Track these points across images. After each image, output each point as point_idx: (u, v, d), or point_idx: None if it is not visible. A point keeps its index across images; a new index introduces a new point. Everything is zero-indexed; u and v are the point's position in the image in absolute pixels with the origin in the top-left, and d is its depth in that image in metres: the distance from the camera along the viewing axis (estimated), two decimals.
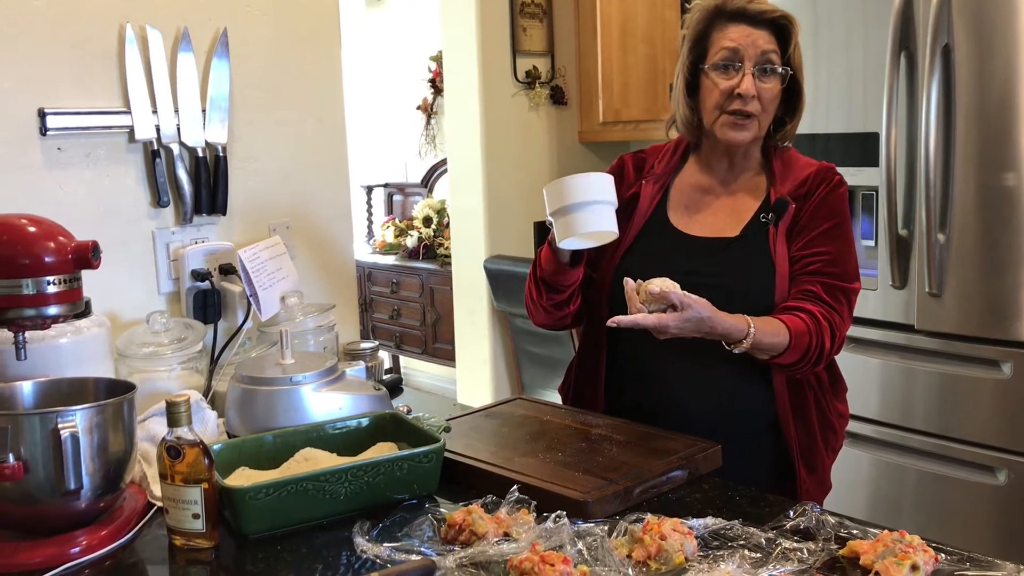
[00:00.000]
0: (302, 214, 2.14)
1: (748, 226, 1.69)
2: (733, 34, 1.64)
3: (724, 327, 1.53)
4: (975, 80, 2.24)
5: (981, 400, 2.32)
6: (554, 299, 1.70)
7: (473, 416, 1.73)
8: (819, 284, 1.63)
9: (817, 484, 1.71)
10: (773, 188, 1.70)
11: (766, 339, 1.55)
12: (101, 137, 1.84)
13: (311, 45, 2.13)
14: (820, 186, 1.68)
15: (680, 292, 1.50)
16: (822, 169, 1.71)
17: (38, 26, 1.75)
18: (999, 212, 2.23)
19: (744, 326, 1.54)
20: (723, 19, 1.66)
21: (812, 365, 1.61)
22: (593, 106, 4.03)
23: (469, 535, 1.22)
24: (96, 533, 1.27)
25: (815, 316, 1.60)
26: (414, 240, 5.31)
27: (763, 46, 1.63)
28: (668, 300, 1.50)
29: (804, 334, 1.57)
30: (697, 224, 1.72)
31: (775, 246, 1.66)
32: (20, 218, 1.40)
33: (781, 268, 1.65)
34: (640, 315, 1.50)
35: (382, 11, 5.95)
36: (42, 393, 1.40)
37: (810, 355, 1.59)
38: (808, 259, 1.65)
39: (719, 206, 1.73)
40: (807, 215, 1.67)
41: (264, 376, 1.58)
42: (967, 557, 1.15)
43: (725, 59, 1.64)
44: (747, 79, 1.62)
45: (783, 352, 1.57)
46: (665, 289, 1.50)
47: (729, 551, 1.17)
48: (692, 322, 1.51)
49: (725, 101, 1.64)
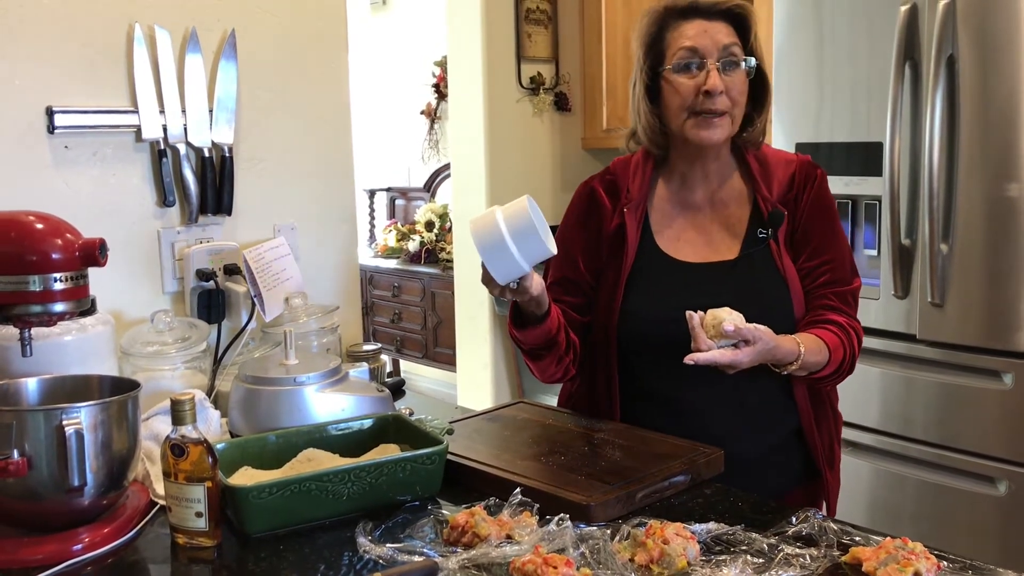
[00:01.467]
0: (307, 215, 2.14)
1: (745, 244, 1.63)
2: (689, 31, 1.56)
3: (783, 352, 1.50)
4: (979, 90, 2.24)
5: (982, 411, 2.32)
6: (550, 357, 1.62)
7: (475, 419, 1.73)
8: (833, 295, 1.61)
9: (835, 480, 1.72)
10: (760, 198, 1.63)
11: (811, 357, 1.53)
12: (108, 136, 1.84)
13: (318, 47, 2.14)
14: (807, 186, 1.64)
15: (749, 326, 1.46)
16: (803, 165, 1.66)
17: (47, 25, 1.75)
18: (1002, 223, 2.24)
19: (795, 348, 1.52)
20: (675, 17, 1.59)
21: (845, 375, 1.61)
22: (597, 112, 4.04)
23: (472, 537, 1.21)
24: (99, 530, 1.27)
25: (843, 326, 1.59)
26: (416, 244, 5.31)
27: (723, 40, 1.55)
28: (742, 336, 1.45)
29: (839, 347, 1.56)
30: (689, 248, 1.65)
31: (781, 261, 1.62)
32: (28, 215, 1.40)
33: (794, 284, 1.61)
34: (715, 353, 1.44)
35: (387, 16, 5.97)
36: (47, 390, 1.40)
37: (844, 366, 1.58)
38: (817, 271, 1.63)
39: (706, 224, 1.66)
40: (802, 220, 1.63)
41: (268, 376, 1.58)
42: (969, 565, 1.15)
43: (685, 59, 1.56)
44: (713, 75, 1.54)
45: (822, 368, 1.56)
46: (739, 326, 1.45)
47: (731, 556, 1.17)
48: (760, 354, 1.48)
49: (693, 101, 1.56)
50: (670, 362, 1.51)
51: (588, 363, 1.71)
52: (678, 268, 1.64)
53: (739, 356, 1.45)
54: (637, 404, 1.67)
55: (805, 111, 2.63)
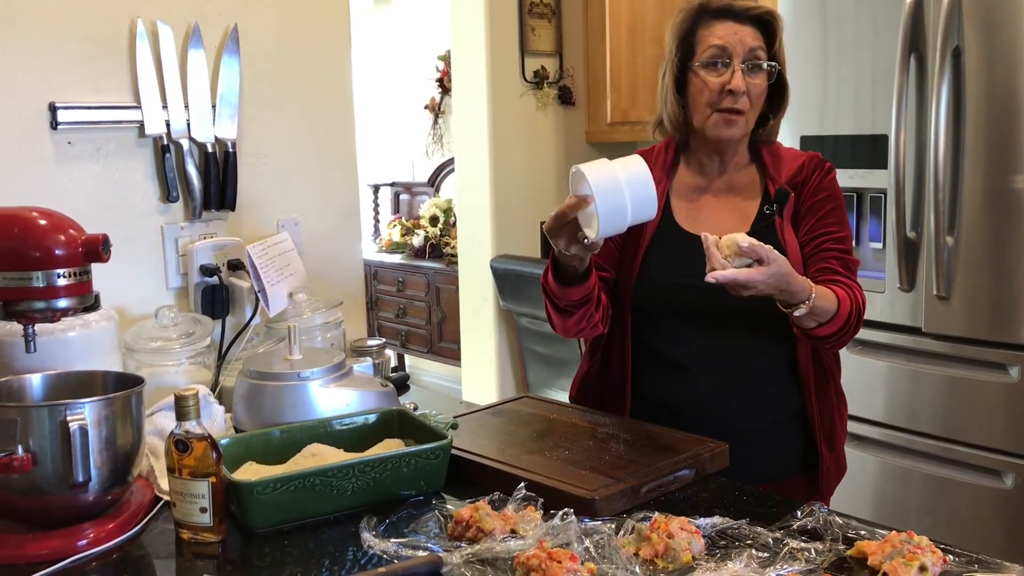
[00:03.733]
0: (311, 210, 2.14)
1: (756, 221, 1.70)
2: (720, 31, 1.65)
3: (797, 284, 1.52)
4: (985, 82, 2.23)
5: (988, 404, 2.32)
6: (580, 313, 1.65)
7: (480, 414, 1.73)
8: (835, 260, 1.65)
9: (835, 463, 1.74)
10: (769, 180, 1.72)
11: (822, 302, 1.54)
12: (111, 132, 1.84)
13: (321, 41, 2.14)
14: (815, 172, 1.72)
15: (764, 245, 1.47)
16: (813, 157, 1.75)
17: (49, 20, 1.75)
18: (1008, 215, 2.23)
19: (808, 287, 1.53)
20: (708, 16, 1.68)
21: (850, 334, 1.62)
22: (601, 106, 4.03)
23: (476, 532, 1.21)
24: (103, 526, 1.27)
25: (847, 285, 1.62)
26: (420, 239, 5.31)
27: (750, 43, 1.64)
28: (757, 254, 1.46)
29: (846, 300, 1.59)
30: (703, 225, 1.71)
31: (784, 235, 1.68)
32: (31, 211, 1.40)
33: (794, 256, 1.66)
34: (733, 271, 1.45)
35: (390, 10, 5.96)
36: (51, 386, 1.40)
37: (850, 323, 1.59)
38: (819, 238, 1.68)
39: (720, 206, 1.74)
40: (807, 201, 1.70)
41: (272, 371, 1.58)
42: (975, 559, 1.15)
43: (714, 56, 1.65)
44: (737, 75, 1.63)
45: (830, 319, 1.56)
46: (753, 243, 1.46)
47: (736, 550, 1.17)
48: (775, 277, 1.48)
49: (716, 98, 1.65)
50: (682, 328, 1.66)
51: (607, 332, 1.75)
52: (693, 241, 1.67)
53: (755, 275, 1.46)
54: (647, 373, 1.73)
55: (810, 104, 2.62)
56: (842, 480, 1.78)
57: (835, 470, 1.75)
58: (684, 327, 1.65)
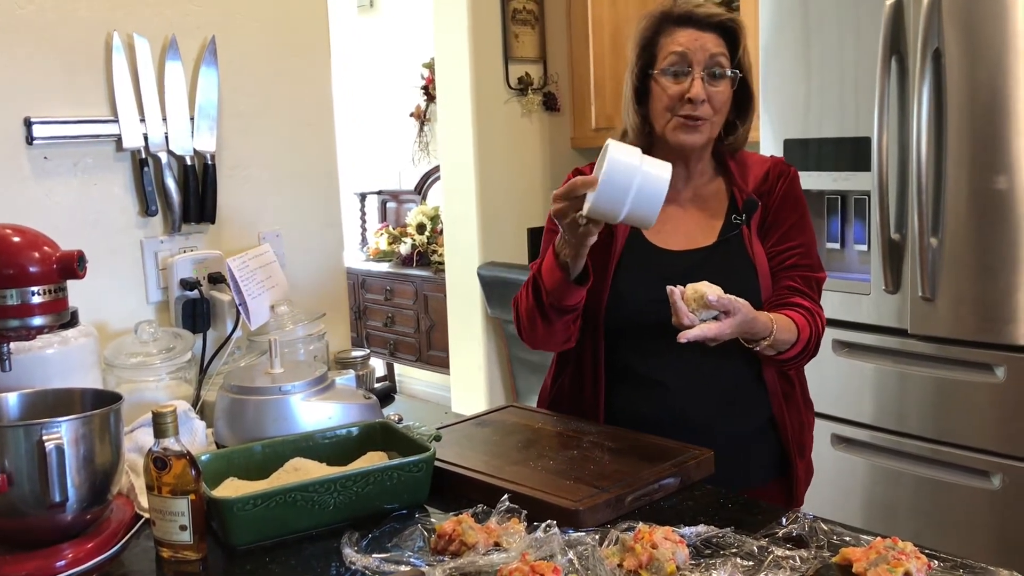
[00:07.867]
0: (292, 222, 2.13)
1: (722, 232, 1.70)
2: (681, 38, 1.64)
3: (760, 325, 1.55)
4: (966, 83, 2.24)
5: (975, 404, 2.32)
6: (565, 320, 1.63)
7: (464, 424, 1.71)
8: (798, 278, 1.68)
9: (806, 469, 1.77)
10: (736, 188, 1.71)
11: (782, 335, 1.58)
12: (88, 146, 1.83)
13: (300, 52, 2.13)
14: (779, 180, 1.72)
15: (730, 297, 1.50)
16: (776, 163, 1.75)
17: (24, 34, 1.74)
18: (991, 215, 2.23)
19: (769, 325, 1.56)
20: (670, 24, 1.66)
21: (808, 357, 1.65)
22: (586, 112, 4.03)
23: (459, 545, 1.20)
24: (82, 546, 1.26)
25: (808, 309, 1.65)
26: (408, 247, 5.30)
27: (712, 49, 1.63)
28: (725, 307, 1.49)
29: (805, 327, 1.61)
30: (670, 237, 1.71)
31: (752, 247, 1.68)
32: (4, 228, 1.38)
33: (762, 267, 1.68)
34: (702, 328, 1.48)
35: (375, 18, 5.95)
36: (27, 404, 1.38)
37: (809, 347, 1.63)
38: (784, 254, 1.69)
39: (687, 216, 1.73)
40: (773, 210, 1.71)
41: (253, 385, 1.56)
42: (960, 563, 1.14)
43: (674, 64, 1.63)
44: (696, 83, 1.61)
45: (790, 347, 1.60)
46: (721, 296, 1.48)
47: (721, 559, 1.16)
48: (741, 325, 1.51)
49: (675, 105, 1.64)
50: (654, 343, 1.63)
51: (576, 347, 1.74)
52: (661, 255, 1.70)
53: (723, 328, 1.50)
54: (620, 388, 1.71)
55: (793, 107, 2.62)
56: (829, 483, 1.78)
57: (805, 476, 1.77)
58: (655, 341, 1.63)
